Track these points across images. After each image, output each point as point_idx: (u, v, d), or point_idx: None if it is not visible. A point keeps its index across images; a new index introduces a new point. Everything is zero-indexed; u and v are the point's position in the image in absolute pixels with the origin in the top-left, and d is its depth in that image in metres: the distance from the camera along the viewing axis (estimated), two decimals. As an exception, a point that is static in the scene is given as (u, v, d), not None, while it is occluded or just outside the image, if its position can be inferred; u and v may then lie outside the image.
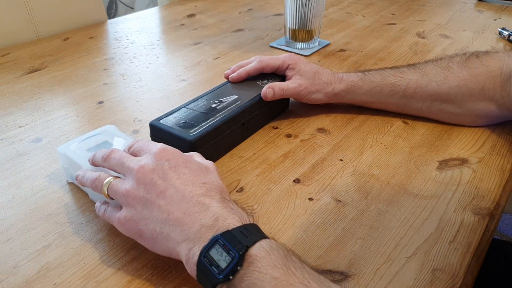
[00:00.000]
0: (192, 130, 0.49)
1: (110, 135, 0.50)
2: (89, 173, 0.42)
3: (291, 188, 0.49)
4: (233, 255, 0.31)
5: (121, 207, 0.38)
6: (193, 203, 0.35)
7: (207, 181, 0.38)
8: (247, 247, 0.32)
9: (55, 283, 0.38)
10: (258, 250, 0.32)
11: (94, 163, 0.43)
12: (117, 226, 0.38)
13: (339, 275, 0.39)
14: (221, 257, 0.32)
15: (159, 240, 0.36)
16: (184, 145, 0.48)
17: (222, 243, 0.32)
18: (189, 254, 0.34)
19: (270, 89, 0.58)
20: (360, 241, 0.42)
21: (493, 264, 0.62)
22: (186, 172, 0.38)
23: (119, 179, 0.39)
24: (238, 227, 0.33)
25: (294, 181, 0.50)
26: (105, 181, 0.39)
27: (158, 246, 0.36)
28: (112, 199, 0.39)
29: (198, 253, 0.33)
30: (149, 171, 0.37)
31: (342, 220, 0.45)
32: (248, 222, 0.35)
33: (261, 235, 0.33)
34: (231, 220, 0.34)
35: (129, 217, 0.37)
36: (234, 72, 0.62)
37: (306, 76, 0.60)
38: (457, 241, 0.42)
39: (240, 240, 0.32)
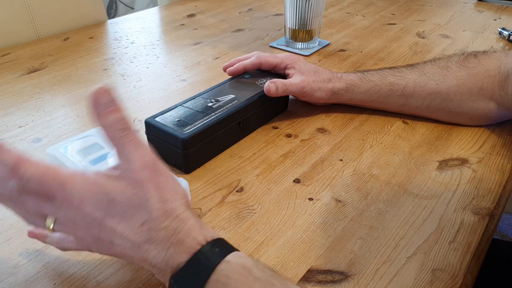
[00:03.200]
0: (186, 129, 0.49)
1: (101, 137, 0.50)
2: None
3: (291, 188, 0.49)
4: None
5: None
6: (143, 251, 0.32)
7: (144, 220, 0.32)
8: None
9: (55, 283, 0.38)
10: (214, 284, 0.30)
11: None
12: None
13: (339, 275, 0.39)
14: None
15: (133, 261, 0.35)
16: (177, 143, 0.49)
17: None
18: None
19: (273, 84, 0.57)
20: (360, 241, 0.42)
21: (493, 264, 0.62)
22: (119, 220, 0.32)
23: (57, 223, 0.33)
24: (185, 265, 0.31)
25: (294, 181, 0.50)
26: (46, 224, 0.33)
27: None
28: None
29: None
30: (85, 229, 0.32)
31: (342, 220, 0.45)
32: (198, 248, 0.31)
33: (215, 261, 0.31)
34: (179, 259, 0.31)
35: (93, 250, 0.34)
36: (232, 65, 0.62)
37: (307, 73, 0.60)
38: (457, 241, 0.42)
39: (191, 281, 0.30)
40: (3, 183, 0.31)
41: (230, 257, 0.31)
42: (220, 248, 0.32)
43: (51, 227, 0.32)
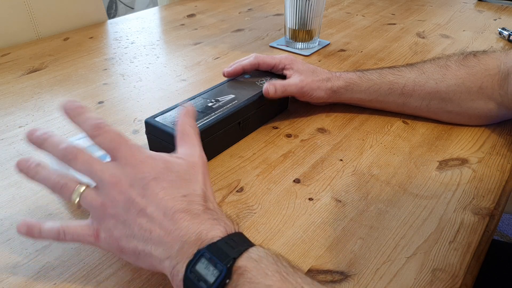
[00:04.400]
0: None
1: None
2: (47, 171, 0.37)
3: (291, 188, 0.49)
4: (221, 268, 0.30)
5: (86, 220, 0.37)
6: (174, 220, 0.34)
7: (188, 193, 0.35)
8: (235, 259, 0.31)
9: (55, 283, 0.38)
10: (246, 260, 0.31)
11: (42, 146, 0.37)
12: (94, 243, 0.36)
13: (339, 275, 0.39)
14: (208, 271, 0.31)
15: (142, 257, 0.34)
16: None
17: (208, 256, 0.31)
18: (173, 271, 0.32)
19: (271, 86, 0.57)
20: (360, 241, 0.42)
21: (493, 264, 0.62)
22: (166, 186, 0.35)
23: (90, 189, 0.36)
24: (223, 238, 0.32)
25: (294, 181, 0.50)
26: (76, 190, 0.36)
27: (141, 262, 0.35)
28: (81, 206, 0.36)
29: (183, 269, 0.32)
30: (126, 187, 0.35)
31: (342, 220, 0.45)
32: (233, 231, 0.34)
33: (248, 244, 0.33)
34: (215, 232, 0.33)
35: (108, 235, 0.35)
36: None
37: (305, 73, 0.60)
38: (457, 241, 0.42)
39: (227, 252, 0.31)
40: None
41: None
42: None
43: (76, 201, 0.35)
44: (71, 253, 0.41)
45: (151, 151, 0.37)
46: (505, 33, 0.90)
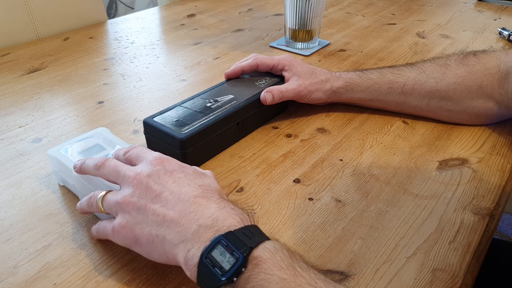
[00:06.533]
0: (184, 129, 0.49)
1: (102, 138, 0.50)
2: (84, 198, 0.41)
3: (291, 188, 0.49)
4: (237, 256, 0.31)
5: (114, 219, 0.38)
6: (189, 203, 0.35)
7: (203, 184, 0.37)
8: (251, 248, 0.31)
9: (55, 283, 0.38)
10: (262, 251, 0.31)
11: (83, 171, 0.42)
12: (112, 236, 0.37)
13: (339, 275, 0.39)
14: (224, 258, 0.31)
15: (155, 244, 0.35)
16: (175, 143, 0.49)
17: (225, 244, 0.31)
18: (187, 255, 0.33)
19: (268, 93, 0.57)
20: (360, 241, 0.42)
21: (493, 264, 0.62)
22: (182, 176, 0.37)
23: (110, 192, 0.39)
24: (240, 228, 0.33)
25: (294, 181, 0.50)
26: (99, 196, 0.39)
27: (155, 251, 0.35)
28: (108, 214, 0.39)
29: (198, 254, 0.32)
30: (144, 177, 0.37)
31: (342, 220, 0.45)
32: (249, 223, 0.34)
33: (264, 237, 0.33)
34: (232, 221, 0.33)
35: (123, 223, 0.36)
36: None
37: (304, 76, 0.60)
38: (457, 241, 0.42)
39: (244, 241, 0.31)
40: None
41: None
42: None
43: (101, 205, 0.39)
44: (71, 253, 0.41)
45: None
46: (505, 33, 0.90)
